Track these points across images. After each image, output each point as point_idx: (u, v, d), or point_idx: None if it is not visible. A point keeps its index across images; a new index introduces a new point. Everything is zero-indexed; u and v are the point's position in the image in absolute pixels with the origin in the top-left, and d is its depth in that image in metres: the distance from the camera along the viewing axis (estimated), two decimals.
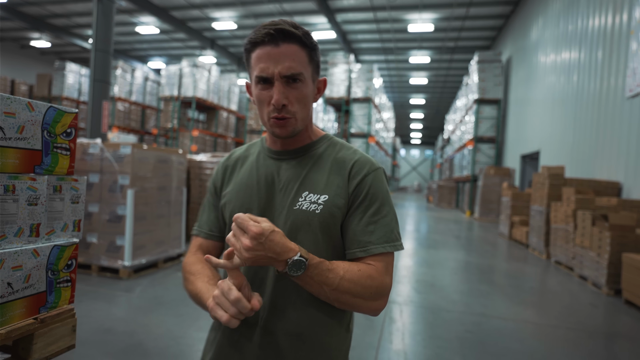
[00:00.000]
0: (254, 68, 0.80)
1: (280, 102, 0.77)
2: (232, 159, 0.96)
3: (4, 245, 1.06)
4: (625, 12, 5.89)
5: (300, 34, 0.78)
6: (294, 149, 0.88)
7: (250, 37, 0.80)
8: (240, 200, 0.87)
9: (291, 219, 0.82)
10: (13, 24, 15.60)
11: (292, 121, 0.81)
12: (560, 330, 3.15)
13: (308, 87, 0.82)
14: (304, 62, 0.80)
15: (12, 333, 1.07)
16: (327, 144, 0.90)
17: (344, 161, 0.86)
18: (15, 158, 1.07)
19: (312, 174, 0.85)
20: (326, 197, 0.81)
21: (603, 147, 6.33)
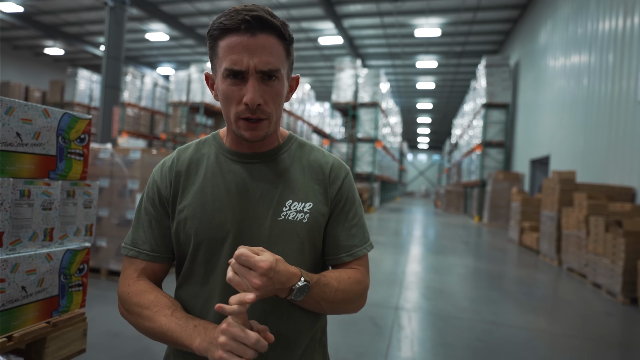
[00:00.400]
0: (222, 58, 0.69)
1: (255, 102, 0.67)
2: (183, 163, 0.80)
3: (19, 249, 1.08)
4: (636, 15, 5.83)
5: (279, 24, 0.69)
6: (263, 152, 0.78)
7: (221, 21, 0.68)
8: (209, 213, 0.74)
9: (276, 230, 0.74)
10: (28, 32, 15.96)
11: (265, 123, 0.71)
12: (575, 339, 3.08)
13: (283, 86, 0.73)
14: (282, 57, 0.71)
15: (25, 337, 1.08)
16: (295, 145, 0.83)
17: (319, 165, 0.81)
18: (31, 163, 1.08)
19: (290, 180, 0.77)
20: (311, 204, 0.76)
21: (615, 152, 6.23)
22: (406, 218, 13.01)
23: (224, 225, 0.73)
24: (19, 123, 1.05)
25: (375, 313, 3.38)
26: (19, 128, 1.05)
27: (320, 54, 17.09)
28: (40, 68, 19.51)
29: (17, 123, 1.05)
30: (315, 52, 16.86)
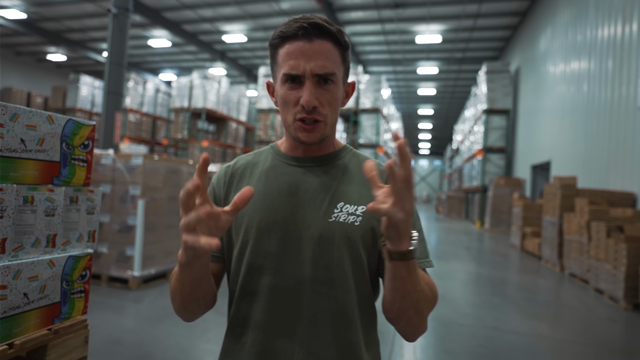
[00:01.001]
0: (281, 65, 0.72)
1: (311, 104, 0.69)
2: (239, 166, 0.83)
3: (21, 255, 1.08)
4: (635, 22, 5.86)
5: (335, 31, 0.71)
6: (318, 157, 0.79)
7: (280, 30, 0.72)
8: (260, 212, 0.74)
9: (327, 232, 0.71)
10: (31, 38, 16.08)
11: (321, 125, 0.72)
12: (577, 345, 3.06)
13: (339, 90, 0.74)
14: (337, 62, 0.72)
15: (26, 344, 1.07)
16: (350, 154, 0.82)
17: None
18: (34, 170, 1.09)
19: (343, 184, 0.76)
20: (364, 207, 0.73)
21: (616, 157, 6.23)
22: None
23: (272, 225, 0.73)
24: (23, 129, 1.06)
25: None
26: (24, 134, 1.06)
27: None
28: (42, 74, 19.63)
29: (21, 129, 1.05)
30: None
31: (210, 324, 3.12)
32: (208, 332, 2.96)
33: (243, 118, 15.67)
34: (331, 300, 0.71)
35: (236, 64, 17.91)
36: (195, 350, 2.64)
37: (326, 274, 0.71)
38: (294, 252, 0.72)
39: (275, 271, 0.72)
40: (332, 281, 0.71)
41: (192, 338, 2.82)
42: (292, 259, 0.72)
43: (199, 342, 2.77)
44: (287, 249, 0.72)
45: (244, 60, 17.93)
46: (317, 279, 0.71)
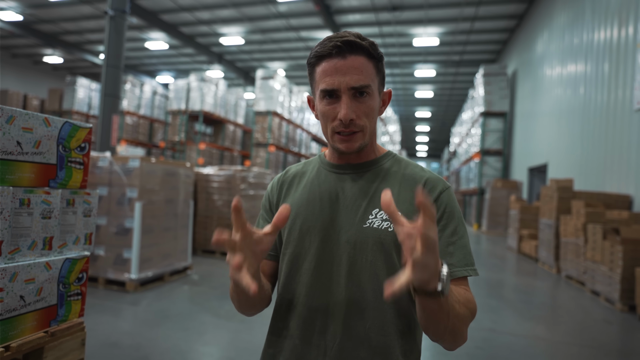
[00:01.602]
0: (319, 82, 0.76)
1: (348, 117, 0.73)
2: (289, 175, 0.90)
3: (17, 258, 1.08)
4: (630, 25, 5.91)
5: (367, 45, 0.75)
6: (358, 164, 0.82)
7: (316, 50, 0.76)
8: (302, 216, 0.81)
9: (361, 237, 0.75)
10: (27, 41, 16.04)
11: (359, 135, 0.76)
12: (573, 347, 3.07)
13: (375, 100, 0.77)
14: (372, 74, 0.76)
15: (22, 347, 1.07)
16: (391, 160, 0.85)
17: (414, 178, 0.80)
18: (31, 172, 1.09)
19: (380, 190, 0.78)
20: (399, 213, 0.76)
21: (612, 160, 6.27)
22: None
23: (313, 230, 0.79)
24: (19, 132, 1.06)
25: None
26: (20, 137, 1.06)
27: None
28: (39, 76, 19.58)
29: (17, 132, 1.05)
30: None
31: (207, 326, 3.11)
32: (205, 334, 2.95)
33: (240, 121, 15.67)
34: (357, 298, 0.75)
35: (234, 67, 17.92)
36: (192, 353, 2.63)
37: (359, 275, 0.75)
38: (331, 255, 0.77)
39: (313, 271, 0.78)
40: (362, 283, 0.75)
41: (189, 341, 2.81)
42: (330, 261, 0.77)
43: (196, 344, 2.76)
44: (325, 251, 0.77)
45: (242, 63, 17.94)
46: (352, 281, 0.75)
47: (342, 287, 0.75)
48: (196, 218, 6.11)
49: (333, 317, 0.75)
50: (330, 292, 0.76)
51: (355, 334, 0.74)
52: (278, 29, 13.63)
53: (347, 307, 0.75)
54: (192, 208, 5.03)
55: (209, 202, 6.17)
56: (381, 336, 0.74)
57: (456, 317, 0.66)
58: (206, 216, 6.15)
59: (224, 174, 6.18)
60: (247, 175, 6.19)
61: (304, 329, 0.78)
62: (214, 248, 6.04)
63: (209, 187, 6.21)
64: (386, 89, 0.83)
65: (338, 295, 0.75)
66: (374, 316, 0.74)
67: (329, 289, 0.76)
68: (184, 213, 4.82)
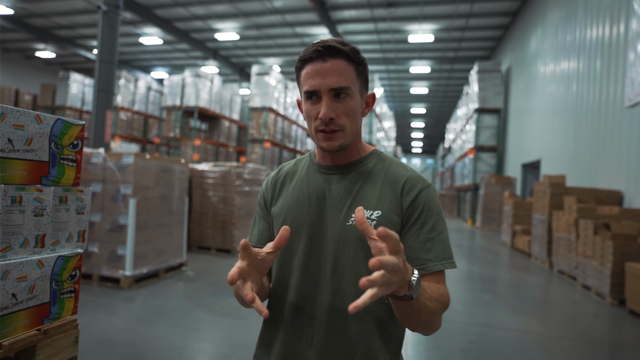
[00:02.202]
0: (303, 84, 0.82)
1: (327, 116, 0.78)
2: (282, 173, 0.97)
3: (9, 256, 1.07)
4: (622, 23, 5.96)
5: (347, 50, 0.80)
6: (344, 164, 0.88)
7: (300, 55, 0.82)
8: (292, 214, 0.87)
9: (344, 235, 0.81)
10: (19, 35, 15.82)
11: (340, 134, 0.81)
12: (564, 341, 3.12)
13: (356, 101, 0.82)
14: (352, 77, 0.81)
15: (15, 345, 1.07)
16: (376, 159, 0.90)
17: (395, 177, 0.85)
18: (22, 169, 1.08)
19: (363, 189, 0.84)
20: (379, 212, 0.81)
21: (604, 156, 6.34)
22: None
23: (301, 227, 0.85)
24: (10, 129, 1.05)
25: None
26: (11, 134, 1.05)
27: None
28: (31, 71, 19.33)
29: (8, 129, 1.05)
30: None
31: (203, 322, 3.12)
32: (200, 331, 2.96)
33: (236, 116, 15.61)
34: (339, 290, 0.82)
35: (229, 62, 17.81)
36: (187, 350, 2.64)
37: (342, 270, 0.82)
38: (318, 250, 0.84)
39: (302, 266, 0.85)
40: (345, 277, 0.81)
41: (184, 337, 2.82)
42: (317, 256, 0.84)
43: (191, 341, 2.77)
44: (312, 247, 0.84)
45: (237, 59, 17.84)
46: (336, 275, 0.82)
47: (328, 280, 0.82)
48: (191, 214, 6.10)
49: (319, 307, 0.82)
50: (317, 284, 0.83)
51: (338, 323, 0.81)
52: (273, 24, 13.55)
53: (331, 299, 0.81)
54: (187, 204, 5.02)
55: (204, 199, 6.16)
56: (361, 324, 0.81)
57: (428, 313, 0.71)
58: (201, 212, 6.14)
59: (219, 170, 6.16)
60: (243, 171, 6.18)
61: (295, 317, 0.85)
62: (209, 244, 6.04)
63: (204, 184, 6.19)
64: (370, 92, 0.88)
65: (324, 287, 0.82)
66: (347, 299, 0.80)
67: (316, 282, 0.83)
68: (178, 209, 4.81)
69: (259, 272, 0.72)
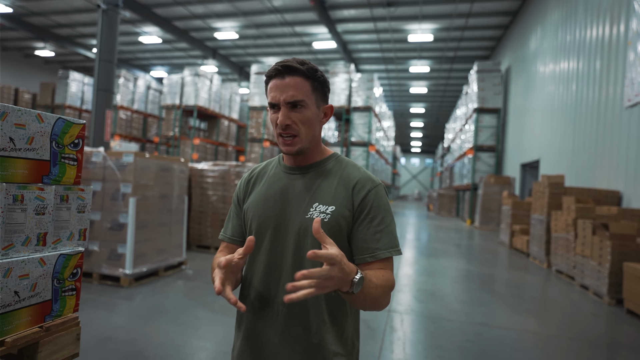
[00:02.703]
0: (268, 96, 0.96)
1: (283, 123, 0.93)
2: (254, 174, 1.11)
3: (11, 254, 1.08)
4: (622, 23, 5.97)
5: (304, 69, 0.94)
6: (305, 166, 1.02)
7: (266, 72, 0.98)
8: (260, 209, 1.01)
9: (303, 226, 0.95)
10: (18, 33, 15.80)
11: (297, 140, 0.95)
12: (562, 340, 3.14)
13: (311, 112, 0.96)
14: (307, 92, 0.95)
15: (17, 341, 1.08)
16: (334, 161, 1.04)
17: (348, 177, 0.99)
18: (24, 168, 1.09)
19: (321, 187, 0.98)
20: (333, 207, 0.95)
21: (603, 156, 6.36)
22: (399, 221, 13.08)
23: (268, 220, 0.99)
24: (12, 128, 1.06)
25: (368, 316, 3.40)
26: (12, 133, 1.06)
27: (314, 58, 17.16)
28: (30, 70, 19.31)
29: (10, 128, 1.06)
30: (310, 57, 16.92)
31: (202, 321, 3.13)
32: (200, 329, 2.97)
33: (235, 116, 15.61)
34: None
35: (228, 61, 17.80)
36: (187, 347, 2.65)
37: (303, 257, 0.95)
38: (282, 240, 0.97)
39: (268, 253, 0.98)
40: (304, 259, 0.95)
41: (184, 335, 2.83)
42: (281, 244, 0.97)
43: (191, 338, 2.78)
44: (277, 237, 0.98)
45: (236, 58, 17.83)
46: (296, 260, 0.95)
47: (289, 264, 0.96)
48: (190, 213, 6.11)
49: (281, 291, 0.95)
50: (280, 268, 0.97)
51: (297, 309, 0.95)
52: (273, 23, 13.54)
53: (292, 279, 0.90)
54: (186, 203, 5.03)
55: (203, 198, 6.17)
56: (314, 301, 0.95)
57: (372, 298, 0.85)
58: (200, 211, 6.14)
59: (218, 169, 6.17)
60: (242, 170, 6.19)
61: (263, 295, 0.98)
62: (209, 243, 6.05)
63: (203, 183, 6.20)
64: (328, 104, 1.02)
65: (286, 270, 0.96)
66: None
67: (280, 266, 0.97)
68: (178, 208, 4.82)
69: (234, 274, 0.87)
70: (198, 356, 2.57)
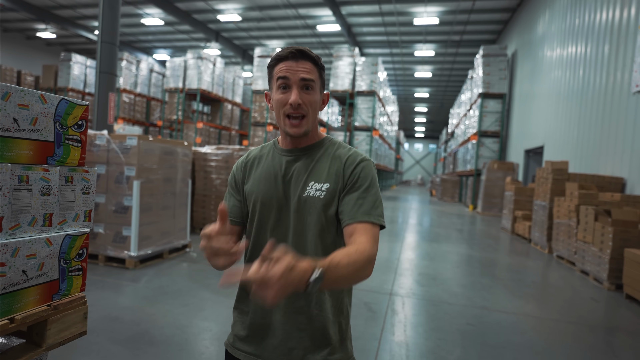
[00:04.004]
0: (275, 77, 1.00)
1: (296, 102, 0.97)
2: (251, 157, 1.15)
3: (18, 234, 1.10)
4: (633, 6, 5.82)
5: (314, 56, 1.01)
6: (302, 148, 1.07)
7: (275, 55, 1.00)
8: (263, 190, 1.06)
9: (301, 203, 1.02)
10: (19, 15, 15.62)
11: (305, 121, 1.01)
12: (561, 324, 3.18)
13: (317, 96, 1.02)
14: (316, 76, 1.02)
15: (27, 319, 1.11)
16: (328, 143, 1.10)
17: (340, 155, 1.06)
18: (28, 149, 1.10)
19: (316, 167, 1.05)
20: (328, 185, 1.01)
21: (607, 143, 6.30)
22: (402, 206, 13.10)
23: (270, 199, 1.04)
24: (15, 108, 1.06)
25: (370, 298, 3.45)
26: (16, 113, 1.06)
27: (318, 42, 16.91)
28: (32, 52, 19.16)
29: (13, 108, 1.06)
30: (313, 40, 16.67)
31: (206, 302, 3.19)
32: (204, 310, 3.03)
33: (238, 99, 15.50)
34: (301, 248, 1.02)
35: (231, 44, 17.58)
36: (192, 327, 2.71)
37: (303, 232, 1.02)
38: (285, 219, 1.04)
39: (272, 229, 1.04)
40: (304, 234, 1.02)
41: (189, 316, 2.89)
42: (284, 224, 1.04)
43: (195, 319, 2.84)
44: (281, 217, 1.04)
45: (239, 41, 17.59)
46: (297, 236, 1.02)
47: (291, 242, 1.02)
48: (194, 197, 6.15)
49: None
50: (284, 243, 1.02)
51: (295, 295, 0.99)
52: (276, 5, 13.30)
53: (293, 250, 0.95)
54: (190, 187, 5.06)
55: (207, 181, 6.19)
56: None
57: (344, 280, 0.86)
58: (204, 195, 6.18)
59: (221, 153, 6.17)
60: (245, 154, 6.19)
61: None
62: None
63: (206, 166, 6.21)
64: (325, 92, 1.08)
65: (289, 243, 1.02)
66: (309, 254, 1.00)
67: (283, 241, 1.03)
68: (182, 192, 4.84)
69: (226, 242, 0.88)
70: (202, 336, 2.63)
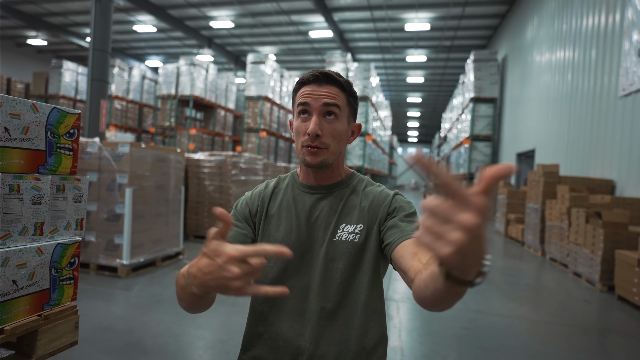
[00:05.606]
0: (297, 100, 0.90)
1: (314, 132, 0.85)
2: (268, 191, 1.00)
3: (9, 243, 1.09)
4: (618, 12, 5.95)
5: (342, 81, 0.90)
6: (327, 185, 0.95)
7: (299, 78, 0.91)
8: (282, 233, 0.93)
9: (332, 249, 0.89)
10: (9, 22, 15.51)
11: (323, 151, 0.88)
12: (554, 326, 3.20)
13: (342, 125, 0.90)
14: (343, 102, 0.90)
15: (16, 330, 1.10)
16: (356, 180, 0.98)
17: (371, 193, 0.95)
18: (20, 158, 1.10)
19: (346, 207, 0.93)
20: (362, 226, 0.90)
21: (597, 146, 6.39)
22: None
23: (291, 246, 0.90)
24: (7, 118, 1.06)
25: None
26: (7, 123, 1.06)
27: (311, 48, 17.00)
28: (22, 59, 19.00)
29: (5, 118, 1.05)
30: (306, 46, 16.77)
31: None
32: (198, 318, 3.00)
33: (231, 106, 15.49)
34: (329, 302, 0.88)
35: (224, 51, 17.61)
36: (185, 336, 2.68)
37: (330, 283, 0.88)
38: (308, 267, 0.90)
39: (295, 276, 0.90)
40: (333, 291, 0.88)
41: (182, 324, 2.86)
42: (308, 272, 0.90)
43: (189, 328, 2.82)
44: (303, 264, 0.90)
45: (232, 47, 17.63)
46: (323, 288, 0.88)
47: (316, 293, 0.88)
48: (187, 204, 6.11)
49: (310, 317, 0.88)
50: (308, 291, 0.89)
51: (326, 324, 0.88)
52: (269, 12, 13.37)
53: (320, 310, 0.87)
54: (183, 194, 5.03)
55: (200, 188, 6.16)
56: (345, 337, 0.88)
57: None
58: (197, 202, 6.15)
59: (215, 159, 6.15)
60: (239, 160, 6.18)
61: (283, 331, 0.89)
62: (206, 234, 6.07)
63: (200, 173, 6.19)
64: (357, 122, 0.96)
65: (312, 294, 0.88)
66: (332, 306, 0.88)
67: (306, 289, 0.89)
68: (175, 199, 4.82)
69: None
70: (196, 345, 2.61)
